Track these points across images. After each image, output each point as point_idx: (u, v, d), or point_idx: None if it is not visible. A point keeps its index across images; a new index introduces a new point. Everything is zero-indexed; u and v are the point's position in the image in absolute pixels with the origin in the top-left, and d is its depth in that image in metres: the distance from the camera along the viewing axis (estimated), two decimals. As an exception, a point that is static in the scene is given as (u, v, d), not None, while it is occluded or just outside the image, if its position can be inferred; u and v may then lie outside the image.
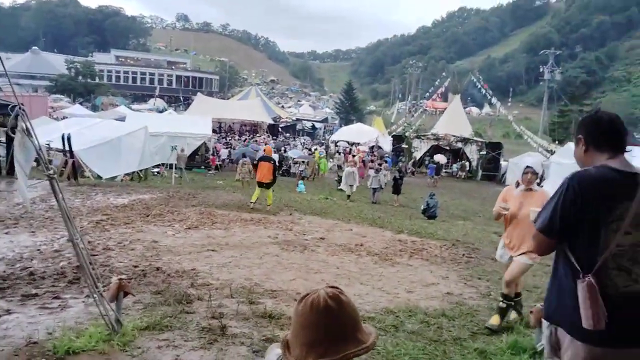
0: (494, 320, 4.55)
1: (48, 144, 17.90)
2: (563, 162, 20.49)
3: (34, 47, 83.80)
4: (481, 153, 35.19)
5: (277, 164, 15.26)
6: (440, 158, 33.29)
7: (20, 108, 2.27)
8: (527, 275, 6.33)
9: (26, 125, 2.29)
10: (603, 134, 2.23)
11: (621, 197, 2.03)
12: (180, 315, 4.36)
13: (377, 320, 4.57)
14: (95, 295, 3.47)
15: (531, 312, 3.90)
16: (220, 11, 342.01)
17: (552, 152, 28.20)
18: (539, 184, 5.01)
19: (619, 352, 2.04)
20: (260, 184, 12.40)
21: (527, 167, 4.70)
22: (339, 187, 21.65)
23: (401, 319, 4.64)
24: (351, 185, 18.73)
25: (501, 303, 4.58)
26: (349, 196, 18.37)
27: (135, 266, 6.04)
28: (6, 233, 7.42)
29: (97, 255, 6.46)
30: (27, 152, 2.46)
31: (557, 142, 40.16)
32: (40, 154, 2.48)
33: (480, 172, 34.72)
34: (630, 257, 2.03)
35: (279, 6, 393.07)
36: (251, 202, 12.28)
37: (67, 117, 30.70)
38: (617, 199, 2.04)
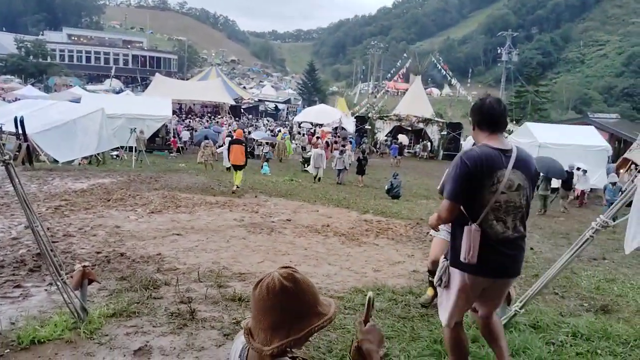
0: (430, 292, 4.65)
1: (0, 127, 17.14)
2: (521, 141, 21.06)
3: (-22, 25, 79.22)
4: (442, 133, 35.81)
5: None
6: (403, 138, 33.71)
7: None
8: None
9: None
10: (483, 116, 2.86)
11: (497, 167, 2.72)
12: (147, 301, 4.29)
13: (346, 299, 4.63)
14: (58, 284, 3.37)
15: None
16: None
17: (510, 132, 28.96)
18: None
19: (490, 281, 2.83)
20: (235, 167, 12.76)
21: None
22: (304, 169, 21.65)
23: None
24: (318, 168, 18.58)
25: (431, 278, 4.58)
26: (318, 178, 18.31)
27: (98, 252, 5.89)
28: (-43, 221, 7.10)
29: (57, 242, 6.26)
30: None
31: (514, 122, 41.24)
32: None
33: (441, 152, 35.38)
34: (505, 211, 2.74)
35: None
36: (236, 187, 12.28)
37: (19, 99, 29.31)
38: (494, 169, 2.72)
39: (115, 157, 21.17)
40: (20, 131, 14.53)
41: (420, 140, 35.95)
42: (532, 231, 10.75)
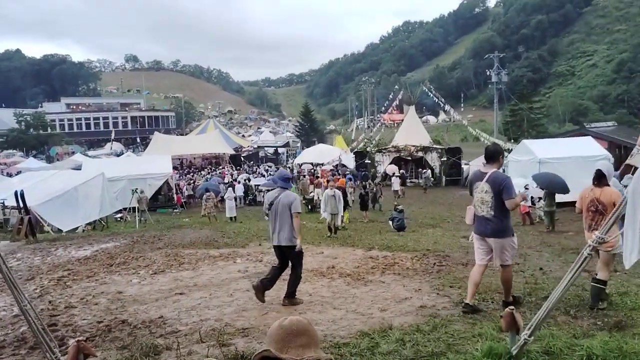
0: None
1: (2, 202, 17.30)
2: (520, 159, 21.10)
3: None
4: (442, 159, 35.87)
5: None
6: (390, 169, 33.70)
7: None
8: (491, 277, 6.43)
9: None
10: (484, 154, 5.73)
11: (478, 181, 5.45)
12: (148, 369, 4.18)
13: (352, 345, 4.49)
14: (52, 363, 3.28)
15: (501, 316, 3.92)
16: (169, 48, 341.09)
17: (509, 151, 29.01)
18: None
19: (478, 237, 5.58)
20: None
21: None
22: (308, 210, 21.59)
23: (376, 340, 4.58)
24: (334, 214, 13.99)
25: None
26: (336, 228, 13.98)
27: (100, 322, 5.79)
28: (-41, 304, 7.03)
29: (58, 315, 6.17)
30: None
31: (512, 140, 41.34)
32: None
33: (444, 178, 35.33)
34: (480, 202, 5.41)
35: (227, 38, 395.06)
36: (342, 227, 14.59)
37: (21, 172, 29.73)
38: (476, 181, 5.49)
39: (119, 219, 21.24)
40: (21, 205, 14.63)
41: (421, 169, 35.97)
42: (542, 249, 10.57)
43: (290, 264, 6.41)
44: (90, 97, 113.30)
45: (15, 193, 14.84)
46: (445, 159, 35.65)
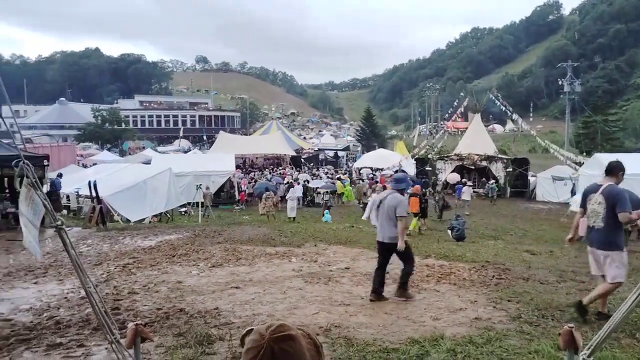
0: None
1: (77, 192, 18.47)
2: (591, 173, 19.96)
3: (61, 98, 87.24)
4: (508, 170, 34.60)
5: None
6: (452, 177, 32.89)
7: (23, 162, 2.32)
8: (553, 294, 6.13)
9: (31, 179, 2.33)
10: (605, 168, 5.74)
11: (592, 193, 5.52)
12: (200, 357, 4.33)
13: (401, 351, 4.44)
14: (112, 344, 3.47)
15: (559, 334, 3.73)
16: (238, 51, 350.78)
17: (580, 164, 27.55)
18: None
19: (590, 250, 5.55)
20: (414, 214, 16.67)
21: None
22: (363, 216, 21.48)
23: (426, 348, 4.50)
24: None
25: None
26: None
27: (159, 309, 6.06)
28: (35, 283, 7.57)
29: (122, 300, 6.51)
30: (34, 206, 2.51)
31: (584, 153, 39.27)
32: (46, 205, 2.53)
33: (509, 190, 34.08)
34: (592, 213, 5.44)
35: (293, 42, 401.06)
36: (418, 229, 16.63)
37: (96, 164, 31.61)
38: (591, 193, 5.56)
39: (183, 213, 22.08)
40: (94, 194, 15.55)
41: (485, 179, 34.85)
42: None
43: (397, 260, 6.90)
44: (162, 95, 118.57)
45: (89, 183, 15.79)
46: (510, 169, 34.35)
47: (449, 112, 48.03)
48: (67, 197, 19.21)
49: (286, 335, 1.17)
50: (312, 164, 51.21)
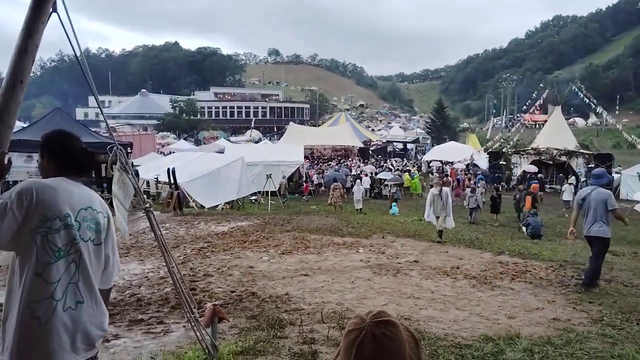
0: None
1: (156, 178, 19.48)
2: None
3: (142, 90, 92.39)
4: (589, 166, 32.53)
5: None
6: (530, 168, 31.40)
7: (117, 147, 2.47)
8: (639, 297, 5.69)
9: (124, 163, 2.49)
10: None
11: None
12: (273, 340, 4.44)
13: (475, 348, 4.32)
14: (192, 322, 3.64)
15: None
16: (309, 43, 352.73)
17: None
18: None
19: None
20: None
21: None
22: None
23: (501, 346, 4.34)
24: (445, 217, 11.76)
25: None
26: (440, 234, 11.62)
27: (233, 291, 6.27)
28: (119, 262, 8.08)
29: (197, 281, 6.81)
30: (125, 188, 2.67)
31: (679, 150, 36.16)
32: (137, 189, 2.68)
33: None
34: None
35: (363, 33, 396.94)
36: None
37: (173, 152, 33.11)
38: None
39: (253, 201, 22.67)
40: (172, 181, 16.33)
41: (562, 174, 32.99)
42: None
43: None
44: (235, 87, 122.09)
45: (168, 170, 16.60)
46: (592, 165, 32.27)
47: (527, 104, 45.82)
48: (147, 182, 20.30)
49: (387, 321, 1.17)
50: (379, 156, 50.81)
